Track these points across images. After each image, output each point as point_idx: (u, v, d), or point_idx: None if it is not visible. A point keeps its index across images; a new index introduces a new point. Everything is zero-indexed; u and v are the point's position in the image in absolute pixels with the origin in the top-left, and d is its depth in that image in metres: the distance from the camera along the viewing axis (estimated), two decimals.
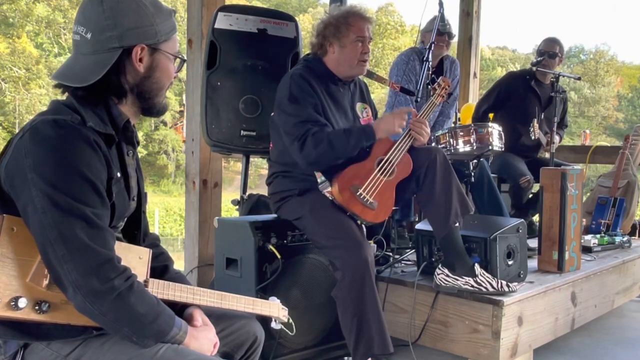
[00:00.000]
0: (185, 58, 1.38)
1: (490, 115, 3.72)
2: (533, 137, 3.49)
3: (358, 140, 2.15)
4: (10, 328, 1.15)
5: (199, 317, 1.34)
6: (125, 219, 1.37)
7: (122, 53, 1.24)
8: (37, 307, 1.12)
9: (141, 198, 1.41)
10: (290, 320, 1.61)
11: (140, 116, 1.36)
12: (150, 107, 1.34)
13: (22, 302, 1.10)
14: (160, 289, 1.30)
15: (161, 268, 1.45)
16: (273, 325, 1.55)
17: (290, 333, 1.57)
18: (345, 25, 2.25)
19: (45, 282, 1.13)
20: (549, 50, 3.70)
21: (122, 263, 1.18)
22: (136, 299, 1.16)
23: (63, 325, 1.16)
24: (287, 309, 1.58)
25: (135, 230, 1.41)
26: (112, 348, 1.19)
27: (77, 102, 1.22)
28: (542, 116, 3.74)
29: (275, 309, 1.52)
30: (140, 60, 1.27)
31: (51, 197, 1.11)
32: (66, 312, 1.15)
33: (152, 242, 1.49)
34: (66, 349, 1.18)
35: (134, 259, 1.28)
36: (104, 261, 1.13)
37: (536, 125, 3.47)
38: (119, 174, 1.27)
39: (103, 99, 1.26)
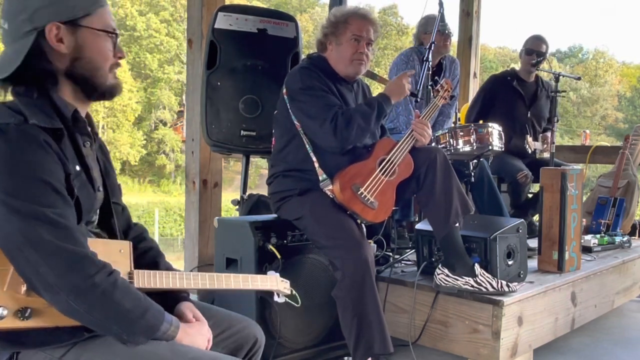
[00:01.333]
0: (117, 32, 1.29)
1: (480, 122, 3.73)
2: (530, 151, 3.52)
3: (380, 109, 2.22)
4: None
5: (190, 312, 1.33)
6: (97, 211, 1.34)
7: (38, 35, 1.18)
8: (19, 315, 1.10)
9: (107, 188, 1.37)
10: (294, 292, 1.57)
11: (89, 102, 1.30)
12: (92, 90, 1.26)
13: (3, 311, 1.08)
14: (147, 280, 1.27)
15: (152, 265, 1.41)
16: (276, 299, 1.48)
17: (296, 305, 1.54)
18: (343, 24, 2.27)
19: (24, 288, 1.11)
20: (538, 50, 3.70)
21: (103, 258, 1.15)
22: (121, 294, 1.13)
23: (52, 331, 1.14)
24: (288, 281, 1.52)
25: (111, 221, 1.38)
26: (109, 349, 1.18)
27: (19, 100, 1.18)
28: (529, 114, 3.75)
29: (274, 281, 1.46)
30: (61, 40, 1.19)
31: (9, 205, 1.08)
32: (51, 315, 1.13)
33: (139, 234, 1.46)
34: (59, 351, 1.16)
35: (115, 253, 1.24)
36: (79, 258, 1.11)
37: (529, 139, 3.51)
38: (77, 168, 1.23)
39: (40, 91, 1.20)
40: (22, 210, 1.08)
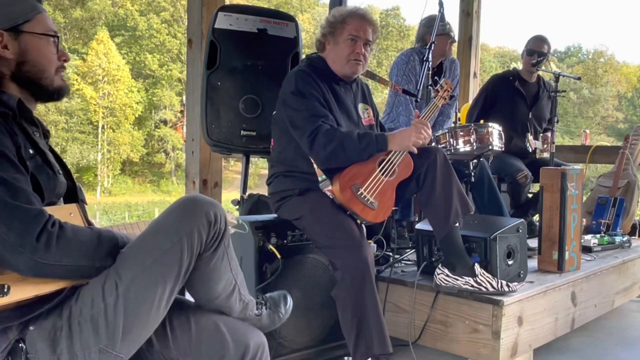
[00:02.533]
0: (57, 34, 1.37)
1: (481, 122, 3.72)
2: (531, 150, 3.52)
3: (369, 146, 2.13)
4: None
5: None
6: (62, 198, 1.37)
7: None
8: None
9: (72, 179, 1.42)
10: (240, 221, 1.66)
11: (36, 103, 1.37)
12: (39, 92, 1.34)
13: None
14: None
15: None
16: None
17: (243, 232, 1.61)
18: (341, 24, 2.26)
19: None
20: (539, 50, 3.70)
21: None
22: (72, 232, 1.19)
23: (38, 300, 1.18)
24: (231, 212, 1.59)
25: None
26: (99, 279, 1.23)
27: None
28: (530, 115, 3.75)
29: None
30: (5, 47, 1.28)
31: None
32: (29, 285, 1.16)
33: None
34: (58, 322, 1.20)
35: (65, 216, 1.27)
36: (35, 214, 1.15)
37: (530, 137, 3.52)
38: (31, 151, 1.28)
39: None
40: None
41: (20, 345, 1.18)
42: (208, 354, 1.38)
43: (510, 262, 2.28)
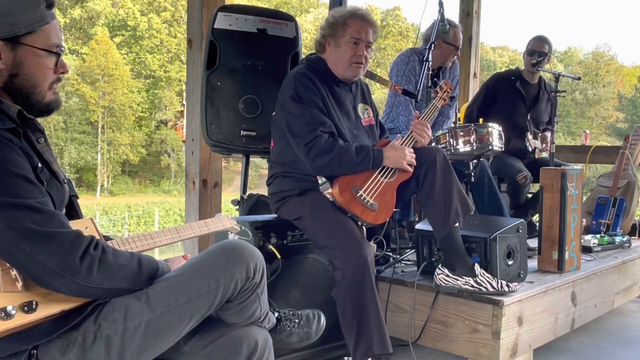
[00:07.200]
0: (62, 51, 1.29)
1: (480, 121, 3.72)
2: (530, 149, 3.52)
3: (365, 161, 2.14)
4: (13, 341, 1.14)
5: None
6: (64, 204, 1.37)
7: None
8: (26, 309, 1.12)
9: (70, 181, 1.42)
10: (243, 227, 1.75)
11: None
12: (30, 107, 1.27)
13: (12, 310, 1.11)
14: (122, 246, 1.35)
15: None
16: (230, 237, 1.63)
17: (247, 239, 1.66)
18: (343, 25, 2.25)
19: (19, 284, 1.14)
20: (540, 50, 3.69)
21: None
22: (114, 256, 1.19)
23: (58, 317, 1.17)
24: (234, 219, 1.66)
25: (73, 213, 1.42)
26: (124, 300, 1.23)
27: None
28: (529, 117, 3.74)
29: (226, 222, 1.60)
30: None
31: None
32: (55, 301, 1.16)
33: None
34: (74, 334, 1.20)
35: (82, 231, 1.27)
36: (73, 238, 1.15)
37: (530, 137, 3.51)
38: (39, 164, 1.25)
39: None
40: (4, 206, 1.10)
41: (32, 351, 1.18)
42: (222, 350, 1.38)
43: (510, 262, 2.28)
